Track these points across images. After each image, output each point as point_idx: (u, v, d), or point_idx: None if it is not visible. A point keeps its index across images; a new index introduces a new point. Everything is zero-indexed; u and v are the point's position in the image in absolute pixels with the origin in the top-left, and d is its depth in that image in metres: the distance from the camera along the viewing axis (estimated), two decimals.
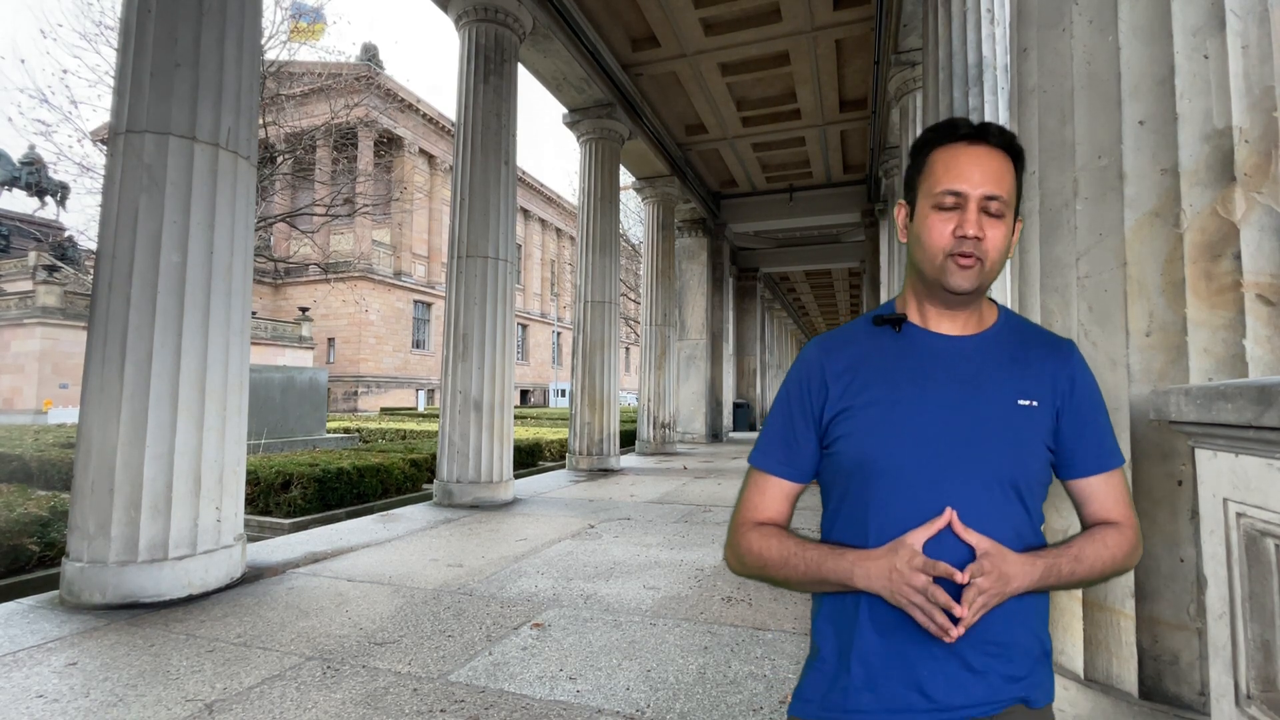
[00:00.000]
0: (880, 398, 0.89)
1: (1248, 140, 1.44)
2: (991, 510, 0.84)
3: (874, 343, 0.95)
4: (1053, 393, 0.90)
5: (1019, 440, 0.87)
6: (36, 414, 19.19)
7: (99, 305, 3.23)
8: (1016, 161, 0.89)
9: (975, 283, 0.88)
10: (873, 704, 0.84)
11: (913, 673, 0.83)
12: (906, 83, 6.79)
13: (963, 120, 0.90)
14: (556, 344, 45.47)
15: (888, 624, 0.84)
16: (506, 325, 6.31)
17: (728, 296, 16.55)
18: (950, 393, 0.88)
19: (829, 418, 0.92)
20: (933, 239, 0.88)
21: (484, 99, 6.27)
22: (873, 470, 0.87)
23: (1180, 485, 1.48)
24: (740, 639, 2.68)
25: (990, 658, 0.84)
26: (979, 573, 0.79)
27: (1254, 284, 1.41)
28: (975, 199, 0.86)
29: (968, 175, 0.86)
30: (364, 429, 14.23)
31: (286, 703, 2.09)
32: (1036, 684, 0.87)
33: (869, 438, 0.88)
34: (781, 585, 0.91)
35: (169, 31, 3.33)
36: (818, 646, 0.92)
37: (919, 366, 0.91)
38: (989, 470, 0.85)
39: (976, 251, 0.86)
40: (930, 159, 0.90)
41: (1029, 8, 1.93)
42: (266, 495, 6.35)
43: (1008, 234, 0.88)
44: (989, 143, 0.88)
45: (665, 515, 5.50)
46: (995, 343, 0.94)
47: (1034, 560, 0.82)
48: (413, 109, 32.43)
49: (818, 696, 0.89)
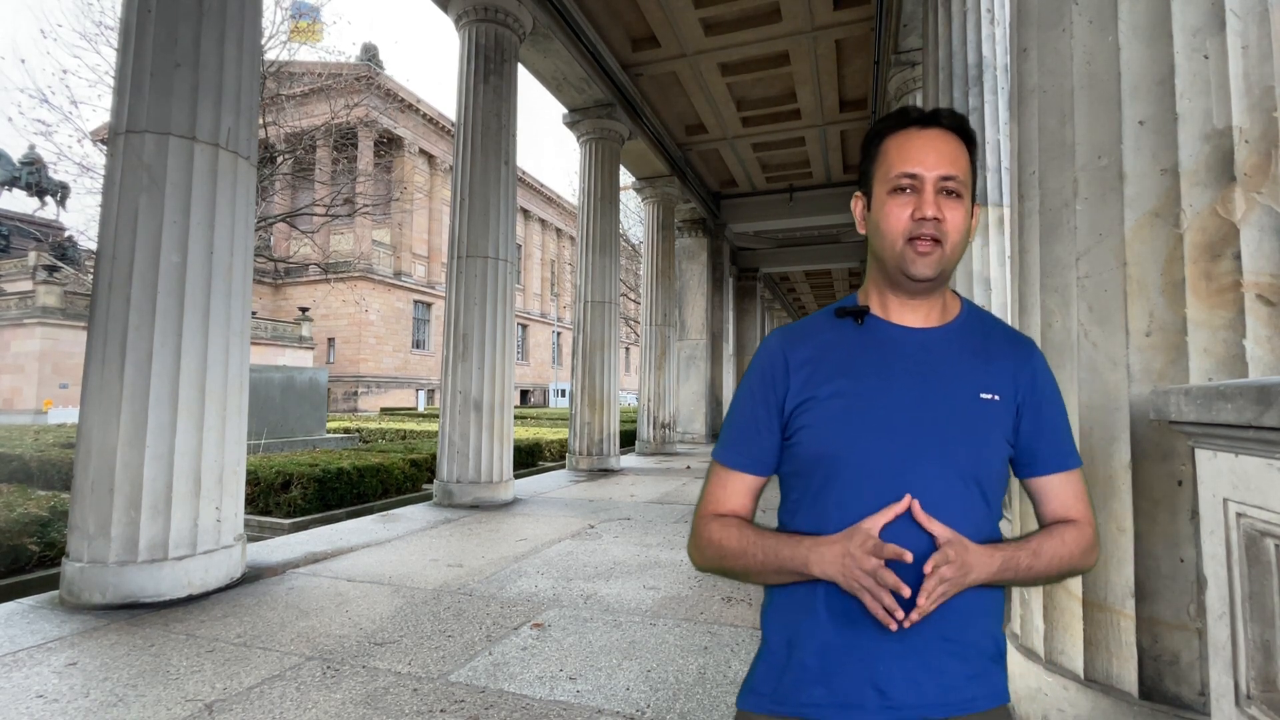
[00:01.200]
0: (842, 390, 0.88)
1: (1248, 140, 1.44)
2: (953, 502, 0.83)
3: (836, 334, 0.94)
4: (1014, 388, 0.90)
5: (980, 434, 0.87)
6: (36, 414, 19.20)
7: (99, 305, 3.23)
8: (970, 145, 0.89)
9: (937, 268, 0.87)
10: (825, 697, 0.83)
11: (868, 668, 0.82)
12: (906, 83, 6.79)
13: (913, 107, 0.90)
14: (556, 344, 45.47)
15: (845, 616, 0.83)
16: (506, 325, 6.31)
17: (728, 296, 16.54)
18: (912, 385, 0.88)
19: (790, 409, 0.91)
20: (890, 224, 0.88)
21: (484, 99, 6.27)
22: (834, 462, 0.86)
23: (1180, 485, 1.48)
24: (740, 639, 2.68)
25: (947, 655, 0.83)
26: (942, 561, 0.78)
27: (1254, 284, 1.41)
28: (931, 180, 0.85)
29: (921, 158, 0.86)
30: (364, 429, 14.24)
31: (286, 703, 2.09)
32: (991, 684, 0.86)
33: (830, 430, 0.87)
34: (740, 577, 0.90)
35: (169, 31, 3.33)
36: (768, 638, 0.91)
37: (881, 359, 0.90)
38: (950, 463, 0.85)
39: (936, 233, 0.85)
40: (883, 147, 0.90)
41: (1029, 8, 1.93)
42: (266, 495, 6.35)
43: (966, 216, 0.87)
44: (940, 125, 0.87)
45: (665, 515, 5.50)
46: (958, 336, 0.93)
47: (993, 552, 0.82)
48: (413, 109, 32.43)
49: (768, 689, 0.88)
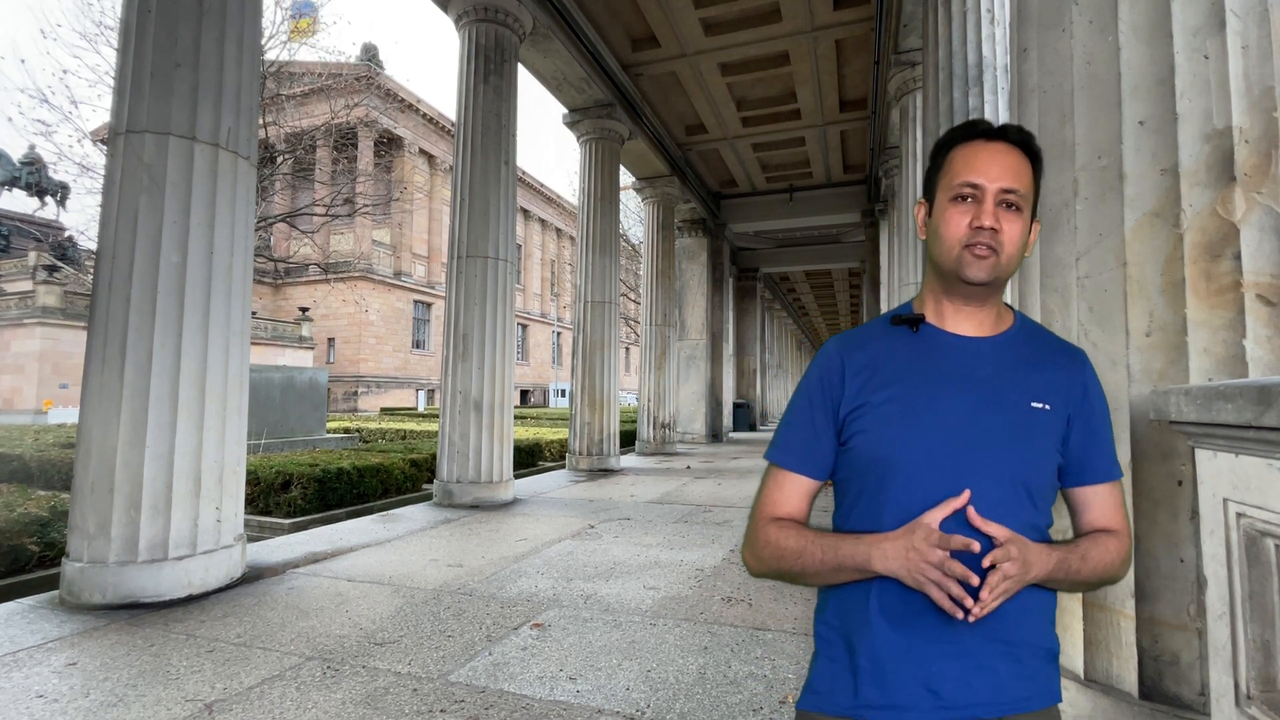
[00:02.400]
0: (897, 396, 0.90)
1: (1248, 140, 1.44)
2: (1005, 508, 0.85)
3: (891, 342, 0.96)
4: (1065, 399, 0.91)
5: (1032, 443, 0.88)
6: (36, 414, 19.20)
7: (99, 305, 3.23)
8: (1035, 161, 0.92)
9: (991, 274, 0.89)
10: (879, 698, 0.84)
11: (922, 668, 0.83)
12: (906, 83, 6.79)
13: (983, 120, 0.93)
14: (556, 344, 45.47)
15: (899, 617, 0.84)
16: (506, 325, 6.31)
17: (728, 297, 16.55)
18: (966, 393, 0.89)
19: (845, 414, 0.93)
20: (950, 230, 0.90)
21: (484, 99, 6.27)
22: (888, 467, 0.88)
23: (1180, 485, 1.48)
24: (740, 639, 2.68)
25: (999, 656, 0.84)
26: (1005, 558, 0.79)
27: (1254, 284, 1.41)
28: (992, 192, 0.88)
29: (985, 169, 0.88)
30: (364, 429, 14.24)
31: (286, 703, 2.09)
32: (1043, 684, 0.87)
33: (885, 435, 0.89)
34: (798, 578, 0.91)
35: (169, 32, 3.33)
36: (826, 639, 0.92)
37: (935, 367, 0.92)
38: (1003, 471, 0.86)
39: (992, 243, 0.87)
40: (950, 156, 0.92)
41: (1029, 8, 1.93)
42: (266, 495, 6.35)
43: (1024, 229, 0.90)
44: (1007, 140, 0.90)
45: (665, 515, 5.49)
46: (1011, 346, 0.95)
47: (1050, 551, 0.84)
48: (413, 109, 32.43)
49: (825, 689, 0.89)
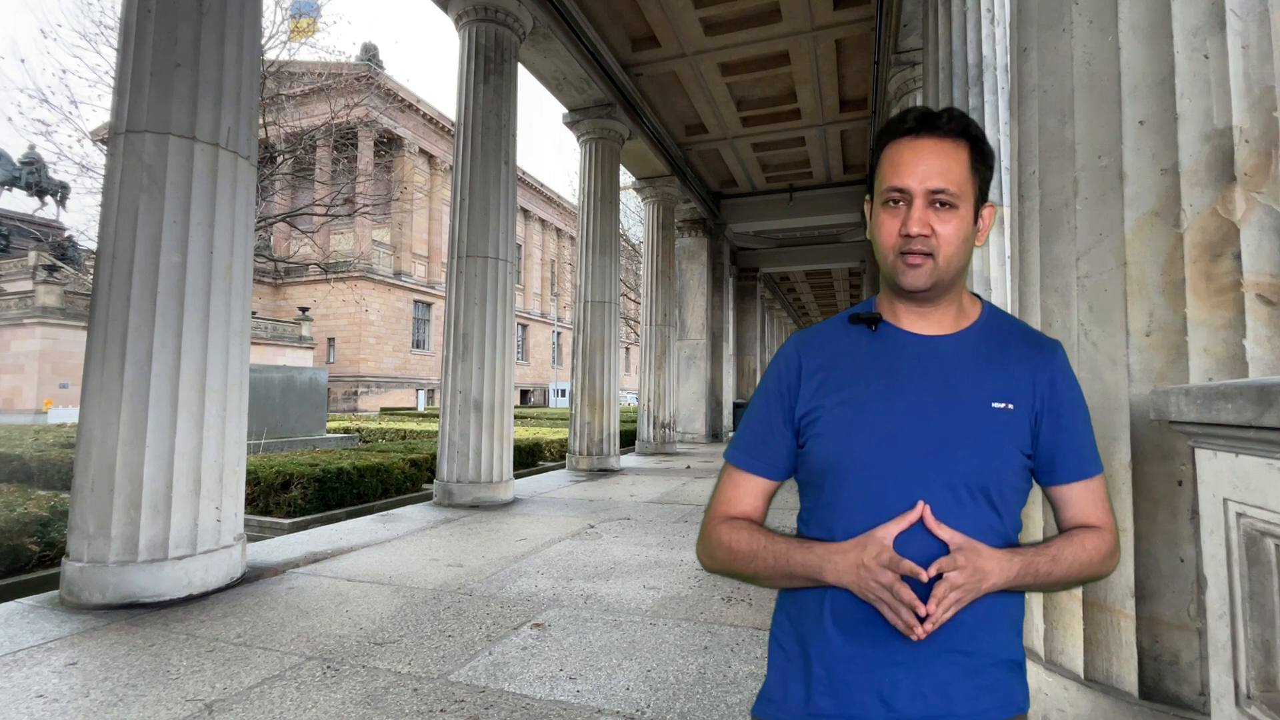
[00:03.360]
0: (852, 397, 0.88)
1: (1248, 140, 1.44)
2: (959, 514, 0.81)
3: (849, 340, 0.93)
4: (1031, 396, 0.87)
5: (989, 444, 0.84)
6: (36, 414, 19.20)
7: (99, 305, 3.23)
8: (974, 147, 0.86)
9: (929, 280, 0.85)
10: (832, 708, 0.82)
11: (874, 678, 0.81)
12: (907, 83, 6.79)
13: (914, 111, 0.87)
14: (556, 344, 45.46)
15: (851, 625, 0.82)
16: (506, 325, 6.31)
17: (728, 296, 16.54)
18: (922, 394, 0.86)
19: (800, 416, 0.91)
20: (882, 238, 0.87)
21: (484, 99, 6.27)
22: (841, 471, 0.86)
23: (1180, 485, 1.48)
24: (740, 639, 2.68)
25: (954, 667, 0.81)
26: (951, 566, 0.76)
27: (1254, 284, 1.41)
28: (920, 194, 0.84)
29: (910, 171, 0.84)
30: (364, 429, 14.23)
31: (286, 703, 2.09)
32: (1004, 695, 0.83)
33: (838, 437, 0.87)
34: (750, 580, 0.89)
35: (169, 31, 3.33)
36: (781, 645, 0.90)
37: (891, 366, 0.89)
38: (956, 474, 0.83)
39: (925, 248, 0.84)
40: (881, 156, 0.88)
41: (1029, 8, 1.93)
42: (266, 495, 6.34)
43: (963, 224, 0.85)
44: (937, 133, 0.84)
45: (665, 515, 5.50)
46: (972, 343, 0.91)
47: (1011, 557, 0.80)
48: (413, 109, 32.42)
49: (778, 697, 0.88)
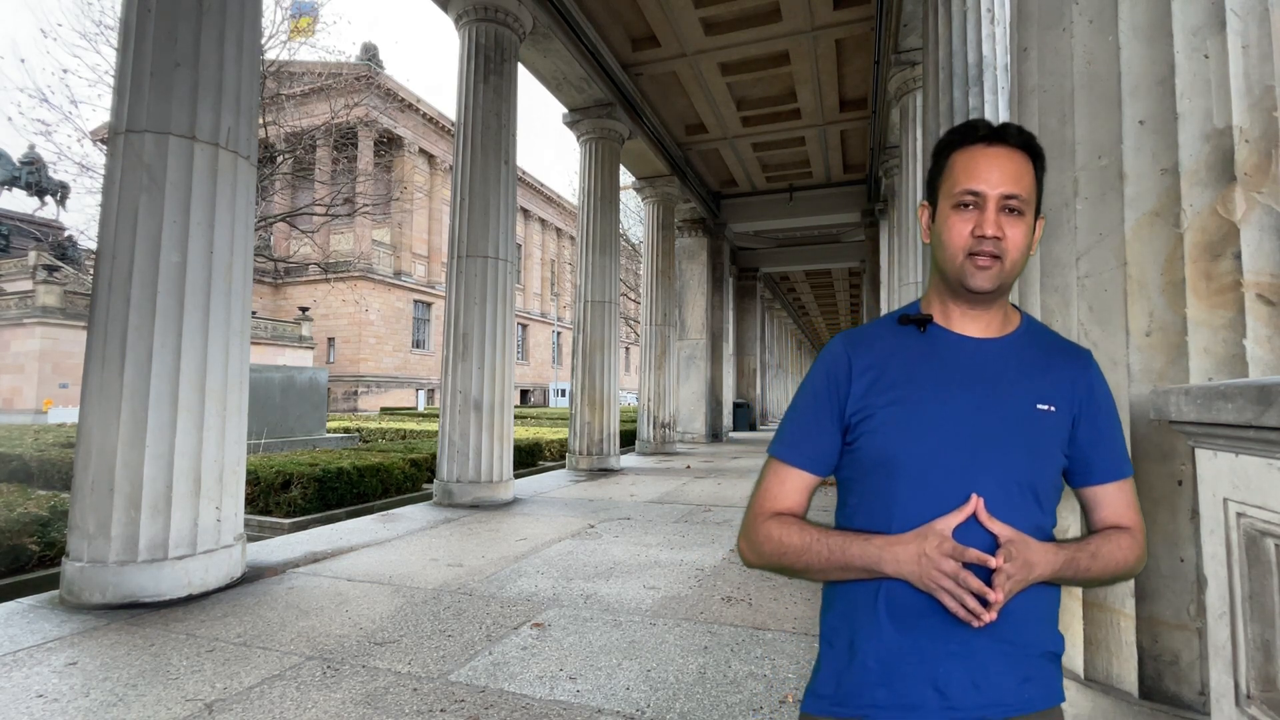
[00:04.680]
0: (904, 396, 0.90)
1: (1248, 140, 1.44)
2: (1009, 509, 0.85)
3: (899, 341, 0.96)
4: (1071, 400, 0.92)
5: (1037, 444, 0.89)
6: (36, 414, 19.20)
7: (99, 305, 3.23)
8: (1036, 161, 0.91)
9: (995, 282, 0.89)
10: (887, 699, 0.84)
11: (929, 669, 0.83)
12: (906, 83, 6.79)
13: (982, 122, 0.91)
14: (556, 344, 45.46)
15: (906, 617, 0.84)
16: (506, 325, 6.31)
17: (728, 296, 16.55)
18: (972, 394, 0.90)
19: (851, 413, 0.92)
20: (952, 239, 0.90)
21: (484, 99, 6.27)
22: (894, 468, 0.88)
23: (1180, 485, 1.48)
24: (740, 639, 2.68)
25: (1004, 658, 0.84)
26: (1007, 558, 0.80)
27: (1254, 284, 1.41)
28: (993, 198, 0.87)
29: (985, 175, 0.88)
30: (364, 429, 14.23)
31: (286, 702, 2.09)
32: (1046, 685, 0.87)
33: (891, 435, 0.89)
34: (799, 574, 0.91)
35: (169, 31, 3.33)
36: (830, 641, 0.92)
37: (942, 367, 0.92)
38: (1007, 472, 0.87)
39: (996, 250, 0.88)
40: (950, 161, 0.92)
41: (1029, 8, 1.93)
42: (266, 495, 6.35)
43: (1027, 232, 0.90)
44: (1008, 143, 0.89)
45: (665, 515, 5.49)
46: (1017, 347, 0.95)
47: (1056, 550, 0.84)
48: (413, 109, 32.42)
49: (830, 691, 0.89)
